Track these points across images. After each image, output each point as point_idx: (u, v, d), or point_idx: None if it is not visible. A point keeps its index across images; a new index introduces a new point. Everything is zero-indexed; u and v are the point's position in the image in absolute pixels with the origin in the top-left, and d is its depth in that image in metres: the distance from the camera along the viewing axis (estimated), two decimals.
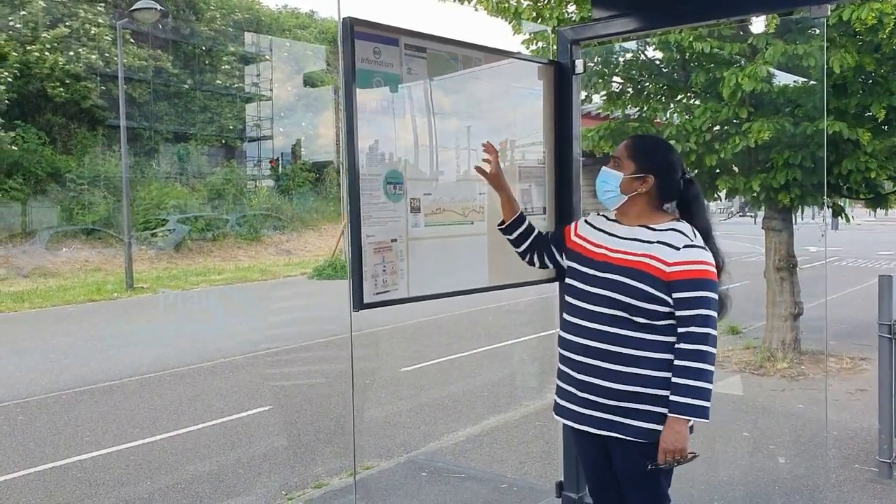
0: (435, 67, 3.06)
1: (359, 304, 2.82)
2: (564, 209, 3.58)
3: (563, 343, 2.65)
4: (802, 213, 7.74)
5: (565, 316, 2.67)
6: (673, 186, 2.62)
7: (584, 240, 2.69)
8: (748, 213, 8.57)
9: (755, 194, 7.24)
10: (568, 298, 2.68)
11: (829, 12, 2.97)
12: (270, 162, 28.37)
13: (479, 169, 2.93)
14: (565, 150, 3.60)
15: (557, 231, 2.94)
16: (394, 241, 2.90)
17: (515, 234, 2.93)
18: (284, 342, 9.73)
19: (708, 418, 2.41)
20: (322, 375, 8.12)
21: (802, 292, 7.79)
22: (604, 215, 2.73)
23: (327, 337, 9.94)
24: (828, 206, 7.73)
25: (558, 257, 2.85)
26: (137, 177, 22.07)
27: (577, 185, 3.61)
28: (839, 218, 8.51)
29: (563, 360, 2.65)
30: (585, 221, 2.76)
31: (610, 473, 2.66)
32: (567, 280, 2.72)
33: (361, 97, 2.77)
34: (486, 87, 3.33)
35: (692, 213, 2.62)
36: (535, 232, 2.93)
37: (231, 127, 27.56)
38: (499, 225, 2.95)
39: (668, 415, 2.40)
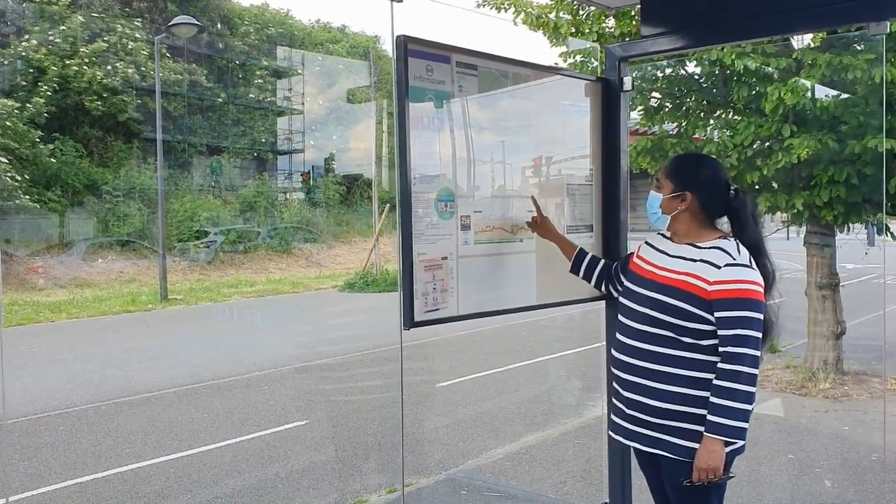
0: (485, 84, 3.05)
1: (409, 321, 2.81)
2: (611, 225, 3.55)
3: (613, 361, 2.68)
4: (849, 230, 7.59)
5: (616, 334, 2.68)
6: (717, 201, 2.58)
7: (642, 259, 2.69)
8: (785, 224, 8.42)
9: (797, 211, 7.14)
10: (619, 317, 2.69)
11: (888, 29, 2.91)
12: (301, 175, 28.58)
13: (529, 224, 3.08)
14: (613, 166, 3.57)
15: (623, 259, 2.97)
16: (444, 258, 2.89)
17: (582, 272, 3.02)
18: (319, 357, 9.75)
19: (743, 439, 2.39)
20: (358, 391, 8.12)
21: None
22: (662, 234, 2.72)
23: (361, 352, 9.94)
24: (873, 224, 7.60)
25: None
26: (171, 189, 22.33)
27: (624, 200, 3.58)
28: (877, 234, 8.35)
29: (614, 377, 2.69)
30: (646, 242, 2.76)
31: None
32: (620, 299, 2.72)
33: (413, 114, 2.77)
34: (533, 104, 3.32)
35: (740, 225, 2.58)
36: (601, 263, 3.01)
37: (263, 140, 27.80)
38: (570, 270, 3.07)
39: (704, 433, 2.39)
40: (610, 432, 2.76)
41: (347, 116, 30.03)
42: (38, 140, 19.21)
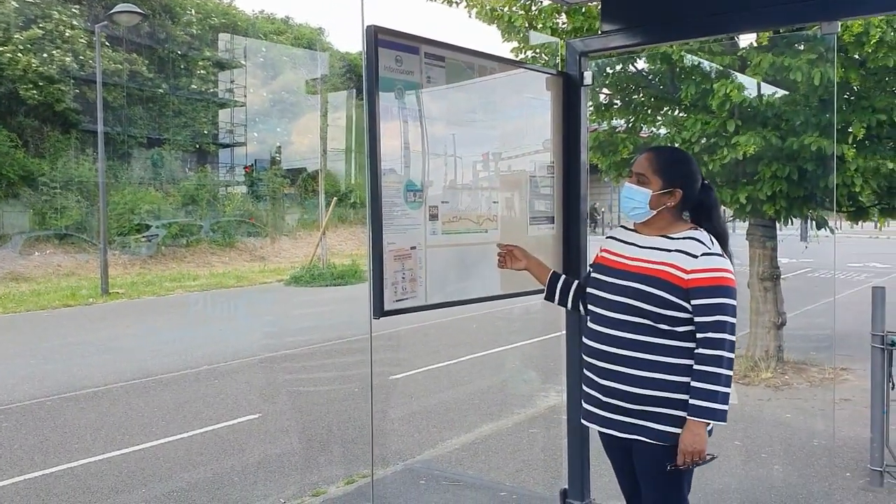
0: (452, 76, 3.09)
1: (379, 311, 2.83)
2: (572, 217, 3.63)
3: (587, 350, 2.70)
4: (792, 223, 7.84)
5: (588, 323, 2.72)
6: (694, 196, 2.66)
7: (608, 252, 2.74)
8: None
9: (740, 206, 7.34)
10: (590, 307, 2.73)
11: (839, 28, 3.03)
12: (245, 168, 28.20)
13: (501, 265, 3.08)
14: (573, 159, 3.65)
15: (589, 271, 2.89)
16: (413, 248, 2.92)
17: (557, 298, 3.00)
18: (269, 350, 9.66)
19: (725, 421, 2.47)
20: (311, 383, 8.08)
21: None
22: (623, 226, 2.79)
23: (311, 345, 9.90)
24: (812, 219, 7.86)
25: None
26: (111, 181, 21.80)
27: (584, 193, 3.66)
28: (817, 229, 8.65)
29: (588, 366, 2.71)
30: (609, 236, 2.81)
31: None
32: (588, 289, 2.76)
33: (382, 104, 2.78)
34: (497, 97, 3.37)
35: (711, 219, 2.66)
36: (574, 284, 2.99)
37: (205, 132, 27.38)
38: (545, 297, 3.05)
39: (687, 418, 2.46)
40: (583, 420, 2.78)
41: (292, 109, 29.75)
42: None
